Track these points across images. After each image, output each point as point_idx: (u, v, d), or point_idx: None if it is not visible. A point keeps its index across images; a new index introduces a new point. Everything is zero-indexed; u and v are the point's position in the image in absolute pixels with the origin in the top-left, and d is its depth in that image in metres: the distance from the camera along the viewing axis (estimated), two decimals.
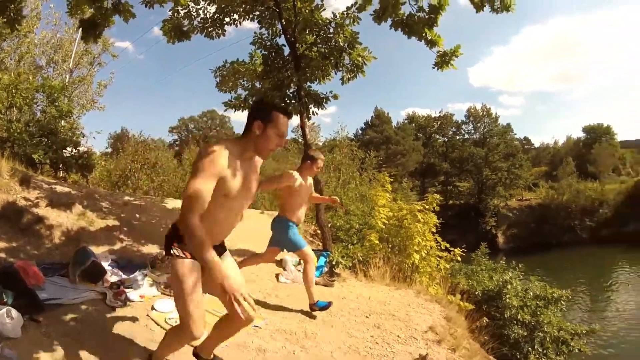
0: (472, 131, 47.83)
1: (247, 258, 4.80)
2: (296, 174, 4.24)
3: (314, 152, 4.55)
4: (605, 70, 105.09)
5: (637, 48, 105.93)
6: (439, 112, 50.86)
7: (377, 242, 6.78)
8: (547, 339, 8.41)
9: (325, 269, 5.87)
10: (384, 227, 7.10)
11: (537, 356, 8.32)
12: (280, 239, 4.44)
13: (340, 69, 6.83)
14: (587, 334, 9.23)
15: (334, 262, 5.87)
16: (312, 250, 6.25)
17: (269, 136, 2.25)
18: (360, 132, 49.06)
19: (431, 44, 5.83)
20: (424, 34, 5.71)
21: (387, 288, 5.77)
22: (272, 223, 4.53)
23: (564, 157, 51.73)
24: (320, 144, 21.57)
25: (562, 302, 9.11)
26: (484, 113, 46.82)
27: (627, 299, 22.19)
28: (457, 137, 48.75)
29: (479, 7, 5.78)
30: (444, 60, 5.91)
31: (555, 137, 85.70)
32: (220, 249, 2.48)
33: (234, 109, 7.30)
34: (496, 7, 5.70)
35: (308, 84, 7.05)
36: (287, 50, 7.06)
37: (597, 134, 52.24)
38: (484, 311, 8.49)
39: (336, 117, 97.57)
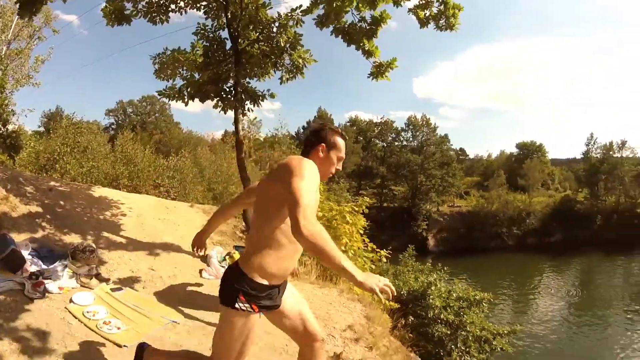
0: (411, 139, 49.72)
1: None
2: None
3: None
4: (542, 92, 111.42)
5: (571, 74, 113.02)
6: (381, 118, 52.51)
7: None
8: (470, 338, 8.85)
9: None
10: None
11: (460, 354, 8.75)
12: None
13: (280, 68, 6.88)
14: (508, 334, 9.80)
15: None
16: (238, 247, 6.30)
17: (332, 159, 2.32)
18: (302, 130, 49.39)
19: (368, 54, 5.99)
20: (362, 44, 5.87)
21: (311, 286, 5.87)
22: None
23: (496, 169, 54.55)
24: (262, 139, 21.42)
25: (484, 304, 9.60)
26: (424, 122, 48.72)
27: (549, 302, 23.99)
28: (396, 143, 50.46)
29: (423, 24, 6.02)
30: (379, 71, 6.10)
31: (489, 151, 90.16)
32: (284, 282, 2.37)
33: (167, 99, 7.15)
34: (441, 25, 5.97)
35: (247, 80, 7.05)
36: (229, 45, 6.99)
37: (529, 151, 55.82)
38: (410, 310, 8.83)
39: (280, 114, 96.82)
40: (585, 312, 22.20)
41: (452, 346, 8.79)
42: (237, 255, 5.91)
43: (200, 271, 5.50)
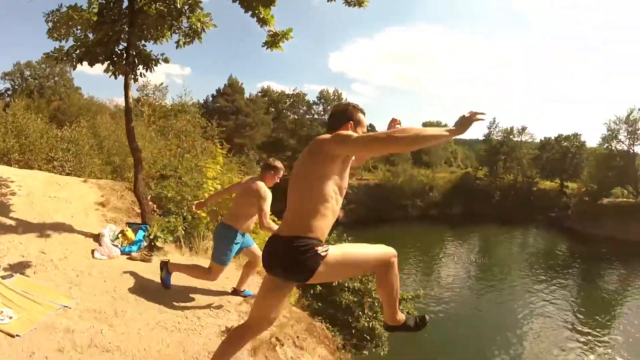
0: (322, 112, 50.14)
1: (188, 266, 4.48)
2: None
3: (276, 162, 4.31)
4: (453, 78, 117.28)
5: (480, 64, 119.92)
6: (293, 90, 52.32)
7: (204, 214, 6.70)
8: (376, 304, 9.25)
9: (144, 244, 5.65)
10: None
11: (368, 319, 9.15)
12: (217, 245, 4.22)
13: (177, 31, 6.47)
14: (412, 298, 10.42)
15: (152, 236, 5.65)
16: (131, 224, 6.00)
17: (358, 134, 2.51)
18: (211, 99, 47.71)
19: (263, 22, 5.84)
20: (257, 12, 5.67)
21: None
22: (217, 232, 4.29)
23: None
24: (168, 106, 20.17)
25: None
26: (335, 97, 49.44)
27: (452, 270, 26.37)
28: (307, 116, 50.83)
29: None
30: (274, 41, 5.99)
31: None
32: None
33: (55, 62, 6.50)
34: (350, 1, 5.86)
35: (142, 42, 6.58)
36: (126, 3, 6.40)
37: None
38: None
39: (188, 80, 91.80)
40: (487, 277, 24.43)
41: (360, 312, 9.17)
42: (130, 233, 5.62)
43: (93, 251, 5.23)
